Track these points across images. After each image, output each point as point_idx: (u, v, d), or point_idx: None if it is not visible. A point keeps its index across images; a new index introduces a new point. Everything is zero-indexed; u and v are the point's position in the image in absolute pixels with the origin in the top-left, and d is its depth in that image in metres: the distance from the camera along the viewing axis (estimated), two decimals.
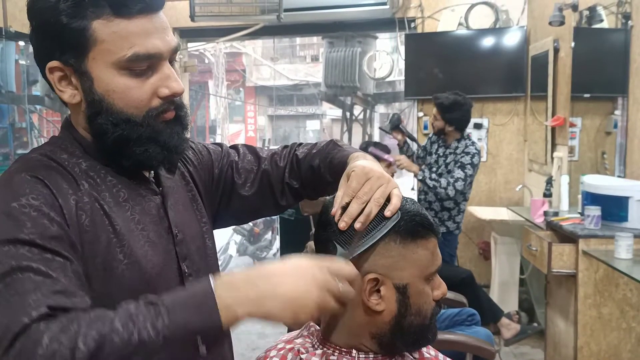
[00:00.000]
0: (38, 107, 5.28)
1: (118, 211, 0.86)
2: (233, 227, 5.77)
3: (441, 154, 3.56)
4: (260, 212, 1.19)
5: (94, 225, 0.83)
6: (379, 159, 3.24)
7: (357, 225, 0.86)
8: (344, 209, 0.88)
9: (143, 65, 0.84)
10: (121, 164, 0.89)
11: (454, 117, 3.43)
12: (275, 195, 1.14)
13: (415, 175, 3.43)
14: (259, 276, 0.76)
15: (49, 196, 0.80)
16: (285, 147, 1.18)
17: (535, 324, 3.71)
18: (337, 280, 0.77)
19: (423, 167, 3.56)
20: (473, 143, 3.47)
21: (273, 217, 5.93)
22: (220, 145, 1.17)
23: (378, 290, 0.87)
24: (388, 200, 0.88)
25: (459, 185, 3.28)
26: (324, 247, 0.91)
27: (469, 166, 3.34)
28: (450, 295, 2.55)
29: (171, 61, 0.88)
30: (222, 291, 0.73)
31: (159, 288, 0.87)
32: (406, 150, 3.74)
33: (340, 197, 0.90)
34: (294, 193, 1.14)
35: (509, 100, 4.43)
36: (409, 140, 3.67)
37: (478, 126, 4.47)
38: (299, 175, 1.12)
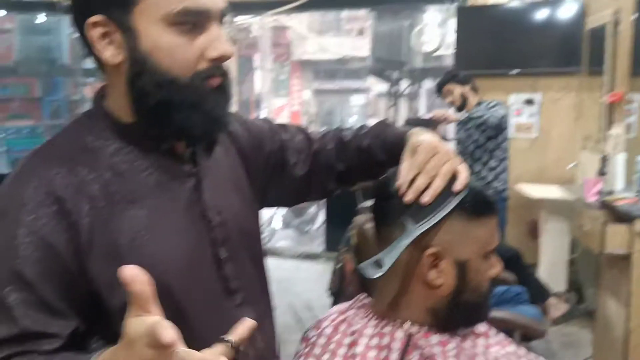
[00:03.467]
0: (91, 79, 5.41)
1: (143, 203, 0.82)
2: None
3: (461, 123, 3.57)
4: (307, 195, 1.14)
5: (110, 231, 0.79)
6: (419, 121, 3.28)
7: (424, 199, 0.85)
8: (410, 182, 0.87)
9: (192, 21, 0.78)
10: (159, 134, 0.84)
11: (464, 76, 3.54)
12: (323, 178, 1.10)
13: (457, 123, 3.47)
14: None
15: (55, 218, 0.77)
16: (329, 130, 1.14)
17: (584, 305, 3.64)
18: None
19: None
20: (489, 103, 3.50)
21: None
22: (268, 121, 1.12)
23: (436, 265, 0.87)
24: (453, 176, 0.87)
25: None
26: (383, 219, 0.90)
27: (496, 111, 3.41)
28: None
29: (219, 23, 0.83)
30: None
31: (190, 277, 0.84)
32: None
33: (406, 170, 0.88)
34: (339, 177, 1.11)
35: (563, 75, 4.27)
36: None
37: (530, 102, 4.35)
38: (346, 157, 1.09)
